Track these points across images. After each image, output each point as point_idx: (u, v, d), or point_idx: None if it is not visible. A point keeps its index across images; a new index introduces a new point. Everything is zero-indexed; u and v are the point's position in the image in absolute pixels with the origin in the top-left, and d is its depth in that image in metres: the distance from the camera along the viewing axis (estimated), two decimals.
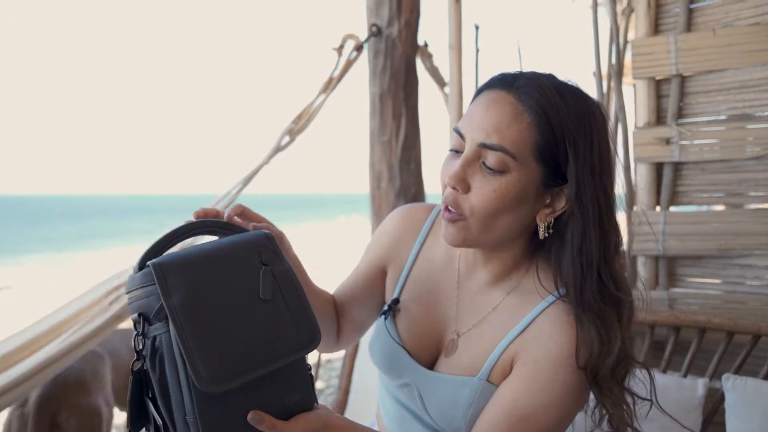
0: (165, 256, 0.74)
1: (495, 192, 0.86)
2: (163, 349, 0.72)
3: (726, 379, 1.51)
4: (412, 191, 2.71)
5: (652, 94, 1.96)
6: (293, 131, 2.51)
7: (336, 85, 2.65)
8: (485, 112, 0.87)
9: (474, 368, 0.96)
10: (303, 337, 0.78)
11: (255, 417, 0.74)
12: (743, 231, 1.80)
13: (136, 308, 0.75)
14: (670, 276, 1.94)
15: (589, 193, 0.85)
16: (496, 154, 0.85)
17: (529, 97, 0.85)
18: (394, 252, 1.12)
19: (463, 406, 0.94)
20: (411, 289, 1.08)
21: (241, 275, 0.76)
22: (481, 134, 0.86)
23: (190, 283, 0.72)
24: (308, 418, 0.79)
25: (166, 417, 0.73)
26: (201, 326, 0.70)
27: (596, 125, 0.87)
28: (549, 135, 0.85)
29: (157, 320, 0.72)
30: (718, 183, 1.87)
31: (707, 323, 1.66)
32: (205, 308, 0.71)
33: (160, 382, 0.72)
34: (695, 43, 1.84)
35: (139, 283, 0.74)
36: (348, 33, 2.76)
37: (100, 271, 12.59)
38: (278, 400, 0.76)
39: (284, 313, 0.77)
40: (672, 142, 1.89)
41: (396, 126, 2.71)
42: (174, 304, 0.70)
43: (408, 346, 1.04)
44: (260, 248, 0.80)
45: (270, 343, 0.74)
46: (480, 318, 0.99)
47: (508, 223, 0.89)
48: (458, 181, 0.87)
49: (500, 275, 0.99)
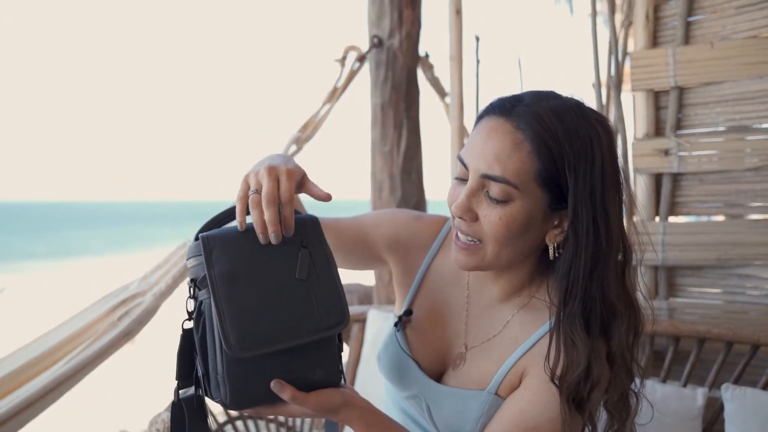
0: (215, 231, 0.83)
1: (501, 220, 0.87)
2: (205, 314, 0.79)
3: (725, 389, 1.51)
4: (414, 201, 2.73)
5: (651, 106, 1.98)
6: (300, 140, 2.54)
7: (340, 95, 2.69)
8: (485, 142, 0.88)
9: (483, 382, 0.97)
10: (332, 318, 0.82)
11: (277, 385, 0.79)
12: (742, 241, 1.82)
13: (191, 274, 0.83)
14: (669, 286, 1.95)
15: (586, 218, 0.85)
16: (499, 185, 0.86)
17: (527, 126, 0.85)
18: (403, 252, 1.11)
19: (471, 419, 0.95)
20: (421, 301, 1.09)
21: (281, 254, 0.82)
22: (483, 165, 0.87)
23: (232, 257, 0.79)
24: (329, 394, 0.82)
25: (203, 374, 0.81)
26: (235, 296, 0.77)
27: (598, 144, 0.86)
28: (549, 162, 0.85)
29: (203, 287, 0.80)
30: (717, 194, 1.88)
31: (707, 333, 1.66)
32: (241, 281, 0.78)
33: (201, 342, 0.80)
34: (693, 56, 1.87)
35: (193, 253, 0.83)
36: (350, 44, 2.79)
37: (98, 277, 12.48)
38: (303, 373, 0.81)
39: (317, 293, 0.82)
40: (671, 153, 1.91)
41: (397, 136, 2.74)
42: (215, 274, 0.78)
43: (417, 358, 1.05)
44: (303, 230, 0.85)
45: (299, 319, 0.80)
46: (490, 335, 1.00)
47: (518, 247, 0.91)
48: (464, 212, 0.89)
49: (510, 292, 1.00)
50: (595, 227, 0.85)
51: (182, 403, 0.82)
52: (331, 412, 0.83)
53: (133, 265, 14.88)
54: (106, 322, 1.94)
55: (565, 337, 0.87)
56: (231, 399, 0.78)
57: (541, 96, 0.89)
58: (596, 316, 0.87)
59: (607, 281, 0.87)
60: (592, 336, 0.87)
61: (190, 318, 0.82)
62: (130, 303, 2.01)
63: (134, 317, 1.96)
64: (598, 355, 0.87)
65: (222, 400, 0.79)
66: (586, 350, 0.85)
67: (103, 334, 1.91)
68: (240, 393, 0.78)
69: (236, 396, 0.78)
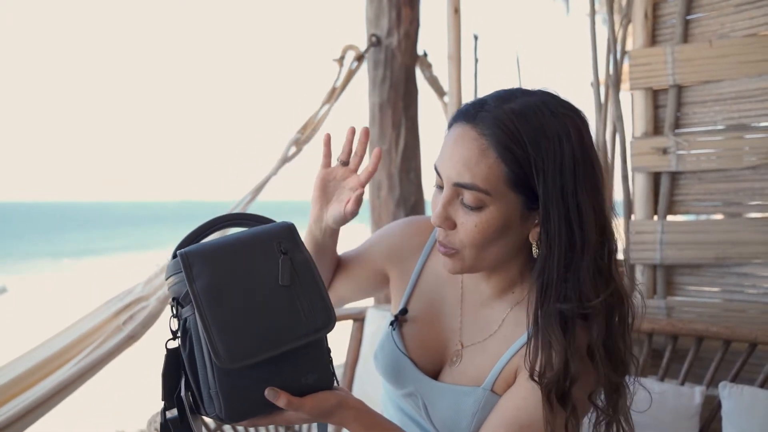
0: (193, 246, 0.83)
1: (477, 227, 0.88)
2: (191, 330, 0.79)
3: (723, 387, 1.51)
4: (412, 200, 2.72)
5: (649, 104, 1.98)
6: (299, 141, 2.54)
7: (339, 94, 2.68)
8: (453, 150, 0.89)
9: (478, 378, 0.97)
10: (319, 321, 0.83)
11: (271, 393, 0.79)
12: (741, 240, 1.82)
13: (171, 293, 0.83)
14: (667, 285, 1.95)
15: (557, 218, 0.85)
16: (471, 192, 0.87)
17: (490, 132, 0.85)
18: (398, 259, 1.14)
19: (467, 415, 0.96)
20: (417, 300, 1.10)
21: (261, 263, 0.83)
22: (453, 173, 0.88)
23: (213, 270, 0.79)
24: (324, 397, 0.83)
25: (195, 391, 0.80)
26: (221, 309, 0.77)
27: (567, 140, 0.84)
28: (516, 166, 0.85)
29: (186, 303, 0.80)
30: (715, 192, 1.88)
31: (705, 332, 1.66)
32: (225, 293, 0.78)
33: (190, 359, 0.80)
34: (692, 54, 1.86)
35: (172, 271, 0.83)
36: (348, 44, 2.79)
37: (100, 277, 12.50)
38: (295, 378, 0.82)
39: (302, 298, 0.83)
40: (669, 151, 1.90)
41: (396, 135, 2.74)
42: (197, 289, 0.78)
43: (413, 357, 1.06)
44: (280, 237, 0.86)
45: (286, 325, 0.80)
46: (486, 332, 1.01)
47: (499, 251, 0.92)
48: (442, 221, 0.90)
49: (503, 289, 1.01)
50: (568, 226, 0.85)
51: (169, 424, 0.82)
52: (327, 415, 0.84)
53: (134, 265, 14.93)
54: (112, 326, 1.96)
55: (543, 337, 0.87)
56: (226, 412, 0.78)
57: (505, 98, 0.88)
58: (573, 314, 0.87)
59: (583, 279, 0.86)
60: (569, 335, 0.86)
61: (174, 337, 0.82)
62: (134, 307, 2.02)
63: (139, 321, 1.98)
64: (576, 352, 0.86)
65: (217, 414, 0.79)
66: (562, 349, 0.85)
67: (108, 337, 1.93)
68: (235, 405, 0.78)
69: (231, 409, 0.78)
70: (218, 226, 0.91)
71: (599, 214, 0.88)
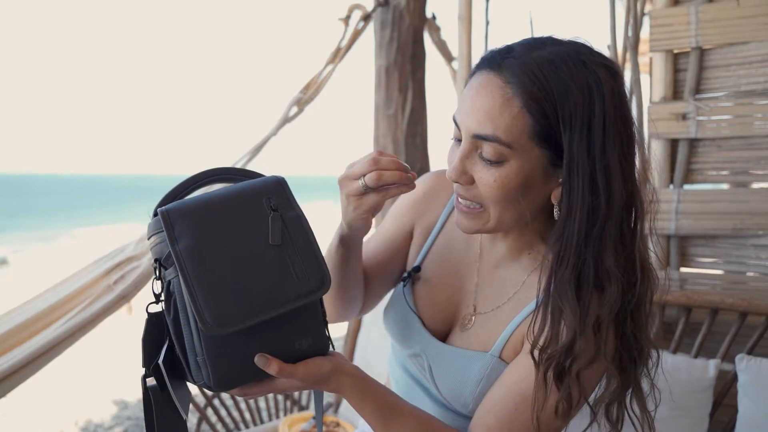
0: (174, 204, 0.76)
1: (496, 182, 0.81)
2: (175, 293, 0.74)
3: (740, 359, 1.46)
4: (418, 167, 2.65)
5: (669, 68, 1.89)
6: (301, 101, 2.46)
7: (344, 55, 2.59)
8: (474, 99, 0.81)
9: (487, 344, 0.93)
10: (312, 283, 0.77)
11: (261, 359, 0.74)
12: (759, 210, 1.75)
13: (154, 254, 0.77)
14: (681, 256, 1.89)
15: (582, 176, 0.78)
16: (491, 144, 0.80)
17: (516, 79, 0.78)
18: (423, 214, 1.08)
19: (471, 381, 0.91)
20: (433, 258, 1.05)
21: (249, 220, 0.76)
22: (474, 124, 0.81)
23: (197, 229, 0.73)
24: (318, 363, 0.78)
25: (181, 357, 0.75)
26: (206, 271, 0.71)
27: (599, 94, 0.77)
28: (542, 118, 0.78)
29: (169, 265, 0.75)
30: (736, 161, 1.80)
31: (720, 303, 1.61)
32: (211, 253, 0.73)
33: (175, 324, 0.75)
34: (717, 14, 1.77)
35: (153, 230, 0.77)
36: (354, 3, 2.69)
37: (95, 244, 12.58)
38: (288, 344, 0.77)
39: (294, 258, 0.77)
40: (689, 117, 1.82)
41: (402, 99, 2.65)
42: (180, 249, 0.72)
43: (423, 316, 1.02)
44: (269, 193, 0.79)
45: (277, 287, 0.74)
46: (499, 297, 0.96)
47: (521, 209, 0.85)
48: (459, 175, 0.84)
49: (521, 250, 0.95)
50: (593, 186, 0.78)
51: (150, 393, 0.76)
52: (321, 381, 0.79)
53: (127, 233, 14.89)
54: (102, 285, 1.88)
55: (554, 306, 0.80)
56: (214, 380, 0.73)
57: (534, 45, 0.81)
58: (589, 284, 0.80)
59: (605, 245, 0.79)
60: (582, 305, 0.79)
61: (157, 301, 0.77)
62: (125, 266, 1.95)
63: (130, 281, 1.91)
64: (588, 327, 0.80)
65: (205, 382, 0.74)
66: (573, 320, 0.79)
67: (98, 297, 1.85)
68: (223, 373, 0.73)
69: (219, 377, 0.73)
70: (202, 181, 0.84)
71: (628, 177, 0.81)
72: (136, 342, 0.77)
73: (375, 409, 0.83)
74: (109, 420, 3.76)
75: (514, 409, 0.83)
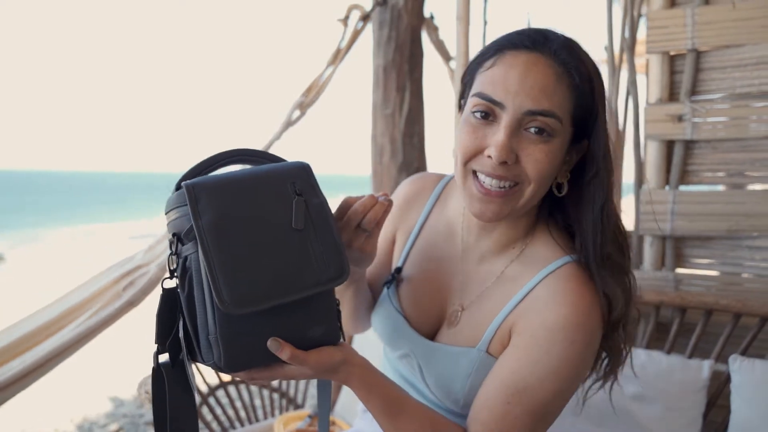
0: (199, 178, 0.75)
1: (547, 157, 0.84)
2: (192, 269, 0.73)
3: (733, 360, 1.47)
4: (415, 166, 2.65)
5: (665, 70, 1.90)
6: (303, 105, 2.45)
7: (344, 56, 2.59)
8: (526, 76, 0.82)
9: (474, 339, 0.93)
10: (331, 271, 0.76)
11: (274, 344, 0.73)
12: (754, 212, 1.75)
13: (172, 228, 0.76)
14: (676, 257, 1.89)
15: (603, 155, 0.87)
16: (545, 120, 0.82)
17: (569, 60, 0.83)
18: (403, 219, 1.09)
19: (461, 377, 0.92)
20: (415, 258, 1.05)
21: (273, 203, 0.76)
22: (527, 101, 0.82)
23: (221, 206, 0.72)
24: (330, 352, 0.78)
25: (192, 335, 0.74)
26: (228, 249, 0.70)
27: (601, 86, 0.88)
28: (587, 97, 0.84)
29: (188, 240, 0.73)
30: (731, 162, 1.81)
31: (714, 304, 1.62)
32: (234, 232, 0.72)
33: (188, 301, 0.74)
34: (713, 17, 1.78)
35: (174, 204, 0.76)
36: (353, 3, 2.69)
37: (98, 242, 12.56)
38: (301, 330, 0.76)
39: (315, 244, 0.76)
40: (684, 119, 1.83)
41: (400, 99, 2.65)
42: (203, 225, 0.71)
43: (409, 316, 1.02)
44: (295, 178, 0.79)
45: (296, 272, 0.74)
46: (482, 289, 0.96)
47: (546, 187, 0.89)
48: (508, 153, 0.83)
49: (505, 243, 0.96)
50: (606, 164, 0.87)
51: (161, 369, 0.76)
52: (331, 371, 0.79)
53: (127, 231, 14.76)
54: (111, 292, 1.93)
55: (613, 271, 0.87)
56: (225, 361, 0.72)
57: (556, 32, 0.88)
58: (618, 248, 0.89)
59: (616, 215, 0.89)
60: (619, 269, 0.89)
61: (172, 276, 0.75)
62: (134, 273, 1.99)
63: (139, 287, 1.95)
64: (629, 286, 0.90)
65: (215, 362, 0.73)
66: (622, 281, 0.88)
67: (107, 303, 1.89)
68: (235, 354, 0.72)
69: (231, 357, 0.72)
70: (226, 160, 0.83)
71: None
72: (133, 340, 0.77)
73: (381, 402, 0.83)
74: (104, 417, 3.75)
75: (507, 402, 0.84)
